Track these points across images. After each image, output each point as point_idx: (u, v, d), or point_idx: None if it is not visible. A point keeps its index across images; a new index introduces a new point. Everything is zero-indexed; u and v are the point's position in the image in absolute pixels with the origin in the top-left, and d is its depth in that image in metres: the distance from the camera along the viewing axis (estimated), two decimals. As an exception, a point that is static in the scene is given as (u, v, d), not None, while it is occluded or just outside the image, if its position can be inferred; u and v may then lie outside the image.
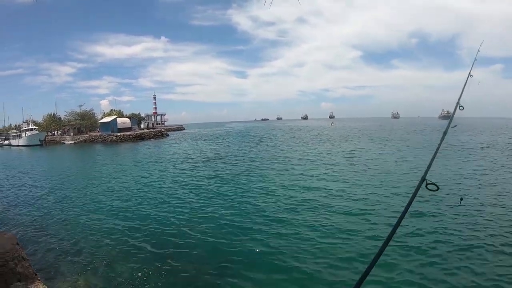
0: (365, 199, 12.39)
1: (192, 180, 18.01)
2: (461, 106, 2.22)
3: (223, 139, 56.20)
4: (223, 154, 30.97)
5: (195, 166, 23.53)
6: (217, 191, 14.97)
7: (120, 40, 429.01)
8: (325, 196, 12.98)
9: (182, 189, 15.97)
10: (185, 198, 13.98)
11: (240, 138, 55.20)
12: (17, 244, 5.52)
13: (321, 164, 21.43)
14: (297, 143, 39.63)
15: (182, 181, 18.04)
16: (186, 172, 21.15)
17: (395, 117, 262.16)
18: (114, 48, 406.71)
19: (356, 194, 13.08)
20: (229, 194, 14.40)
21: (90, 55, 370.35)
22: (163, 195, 14.77)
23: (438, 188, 1.78)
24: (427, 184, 1.83)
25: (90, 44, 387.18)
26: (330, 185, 15.09)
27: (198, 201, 13.39)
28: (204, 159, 27.21)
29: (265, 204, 12.30)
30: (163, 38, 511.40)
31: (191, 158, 28.43)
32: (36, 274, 5.73)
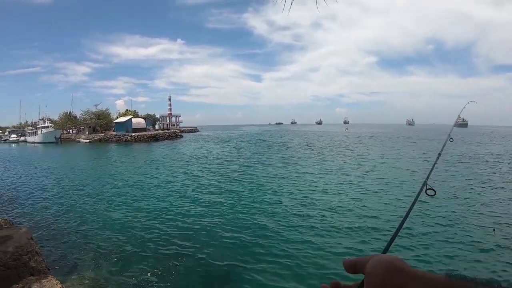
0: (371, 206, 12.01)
1: (203, 182, 17.84)
2: (451, 138, 2.54)
3: (237, 142, 55.77)
4: (236, 157, 30.76)
5: (207, 168, 23.36)
6: (228, 194, 14.85)
7: (136, 41, 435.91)
8: (334, 204, 12.54)
9: (194, 190, 15.84)
10: (196, 200, 13.88)
11: (254, 142, 54.59)
12: (31, 239, 5.68)
13: (334, 171, 20.57)
14: (310, 148, 38.89)
15: (194, 182, 17.92)
16: (198, 174, 21.04)
17: (410, 124, 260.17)
18: (130, 49, 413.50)
19: (365, 201, 12.85)
20: (239, 197, 14.26)
21: (106, 55, 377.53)
22: (175, 196, 14.65)
23: (435, 193, 1.87)
24: (426, 189, 1.89)
25: (106, 45, 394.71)
26: (341, 190, 14.84)
27: (209, 203, 13.23)
28: (217, 162, 26.98)
29: (274, 208, 12.13)
30: (179, 40, 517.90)
31: (204, 161, 28.31)
32: (48, 269, 5.86)
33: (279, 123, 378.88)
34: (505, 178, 17.18)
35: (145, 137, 62.68)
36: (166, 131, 78.65)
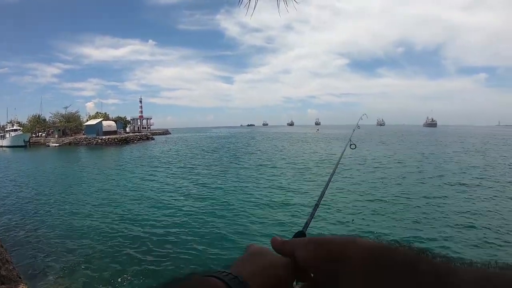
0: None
1: (172, 186, 18.52)
2: (353, 144, 2.52)
3: (207, 144, 57.25)
4: (207, 157, 32.26)
5: (176, 172, 24.08)
6: (199, 195, 15.63)
7: (106, 42, 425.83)
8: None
9: (164, 193, 16.50)
10: (166, 202, 14.47)
11: (224, 143, 56.33)
12: (1, 246, 5.50)
13: (298, 169, 22.65)
14: (278, 149, 40.80)
15: (163, 186, 18.57)
16: (167, 177, 21.70)
17: (380, 125, 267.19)
18: (100, 50, 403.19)
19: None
20: (211, 196, 15.16)
21: (76, 56, 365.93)
22: (144, 200, 15.13)
23: (356, 147, 2.36)
24: (350, 145, 2.34)
25: (76, 45, 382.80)
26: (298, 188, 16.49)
27: (179, 204, 13.88)
28: (185, 165, 27.83)
29: (242, 206, 13.20)
30: (150, 41, 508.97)
31: (173, 164, 29.03)
32: (20, 277, 5.72)
33: (251, 125, 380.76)
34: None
35: (116, 140, 62.52)
36: (137, 133, 78.45)
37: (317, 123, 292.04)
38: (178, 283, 0.44)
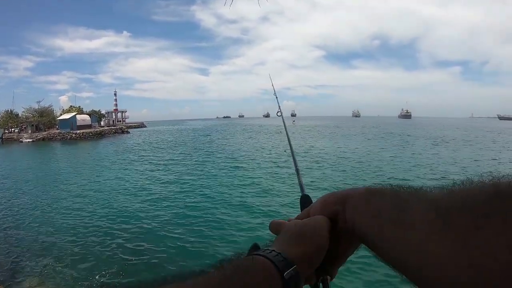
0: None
1: (149, 178, 18.82)
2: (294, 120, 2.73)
3: (183, 136, 58.31)
4: (182, 151, 32.47)
5: (153, 164, 24.46)
6: (174, 190, 15.78)
7: (80, 34, 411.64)
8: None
9: (140, 187, 16.66)
10: (142, 197, 14.54)
11: (198, 136, 57.56)
12: None
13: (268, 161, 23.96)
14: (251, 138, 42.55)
15: (140, 179, 18.73)
16: (144, 170, 21.88)
17: (356, 116, 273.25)
18: (74, 42, 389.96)
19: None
20: (184, 191, 15.35)
21: (49, 48, 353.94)
22: (121, 195, 15.14)
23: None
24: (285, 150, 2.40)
25: (49, 37, 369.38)
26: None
27: (154, 198, 14.10)
28: (162, 157, 28.39)
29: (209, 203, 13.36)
30: (125, 32, 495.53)
31: (150, 156, 29.37)
32: None
33: (227, 117, 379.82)
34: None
35: (91, 134, 62.78)
36: (112, 127, 78.47)
37: (293, 115, 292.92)
38: (227, 262, 0.47)
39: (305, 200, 0.79)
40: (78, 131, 63.40)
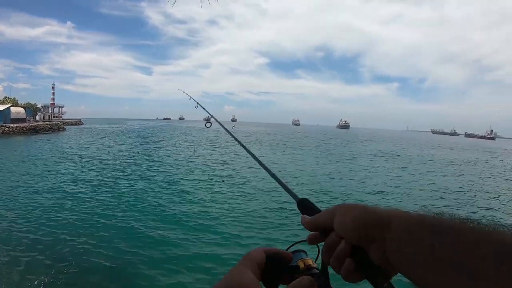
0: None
1: (84, 179, 18.46)
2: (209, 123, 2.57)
3: (121, 137, 57.84)
4: (118, 152, 32.25)
5: (88, 165, 23.83)
6: (111, 192, 15.79)
7: (22, 20, 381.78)
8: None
9: (74, 188, 16.26)
10: (75, 197, 14.35)
11: (135, 138, 56.03)
12: None
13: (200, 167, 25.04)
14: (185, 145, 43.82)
15: (75, 180, 18.23)
16: (78, 172, 21.12)
17: (295, 124, 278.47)
18: (15, 28, 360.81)
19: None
20: (123, 194, 15.53)
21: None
22: (53, 196, 14.60)
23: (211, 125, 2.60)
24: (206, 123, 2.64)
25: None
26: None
27: (88, 199, 14.05)
28: (99, 158, 27.81)
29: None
30: (69, 23, 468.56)
31: (86, 157, 28.64)
32: None
33: (167, 118, 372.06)
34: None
35: (25, 129, 61.16)
36: (48, 122, 76.57)
37: (233, 120, 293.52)
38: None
39: (305, 205, 0.71)
40: (12, 125, 60.99)
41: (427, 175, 25.60)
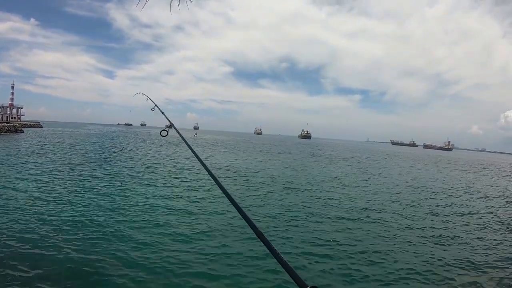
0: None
1: (41, 187, 17.09)
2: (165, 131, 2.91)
3: (81, 142, 55.64)
4: (78, 157, 31.42)
5: (49, 169, 22.94)
6: (72, 195, 15.48)
7: None
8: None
9: (30, 196, 14.97)
10: (30, 204, 13.43)
11: (97, 144, 51.99)
12: None
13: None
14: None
15: (31, 188, 16.72)
16: (36, 176, 20.06)
17: (258, 133, 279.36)
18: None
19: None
20: (80, 195, 15.46)
21: None
22: (9, 201, 13.81)
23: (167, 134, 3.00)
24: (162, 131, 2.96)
25: None
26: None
27: (44, 205, 13.38)
28: (59, 163, 26.82)
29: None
30: (32, 20, 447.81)
31: (46, 161, 27.57)
32: None
33: (128, 124, 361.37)
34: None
35: None
36: (5, 124, 74.86)
37: (195, 128, 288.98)
38: None
39: None
40: (-33, 125, 59.89)
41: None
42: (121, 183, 17.24)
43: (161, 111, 4.79)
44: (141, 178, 21.27)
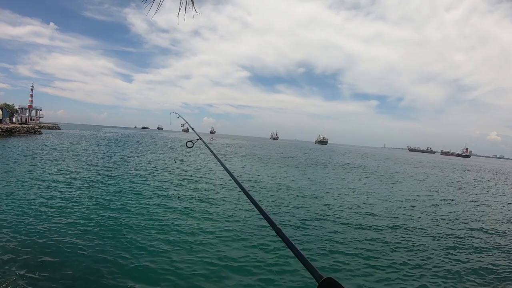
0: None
1: (61, 187, 17.40)
2: (190, 142, 3.14)
3: (98, 144, 55.81)
4: (94, 160, 30.84)
5: (64, 171, 22.88)
6: (87, 198, 15.38)
7: (5, 17, 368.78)
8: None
9: (45, 195, 15.37)
10: (49, 205, 13.59)
11: (110, 147, 51.24)
12: None
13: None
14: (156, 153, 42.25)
15: (48, 190, 16.60)
16: (53, 177, 20.10)
17: (274, 138, 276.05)
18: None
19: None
20: (95, 201, 14.93)
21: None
22: (25, 201, 13.97)
23: (193, 145, 3.23)
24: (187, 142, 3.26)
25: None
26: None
27: (62, 207, 13.41)
28: (73, 166, 26.42)
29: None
30: (52, 24, 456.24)
31: (62, 163, 27.49)
32: None
33: (145, 128, 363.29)
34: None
35: (0, 130, 58.84)
36: (25, 125, 74.70)
37: (212, 132, 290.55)
38: None
39: (331, 284, 0.51)
40: (-12, 126, 59.38)
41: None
42: (179, 197, 16.61)
43: (191, 127, 4.81)
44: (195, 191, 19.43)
